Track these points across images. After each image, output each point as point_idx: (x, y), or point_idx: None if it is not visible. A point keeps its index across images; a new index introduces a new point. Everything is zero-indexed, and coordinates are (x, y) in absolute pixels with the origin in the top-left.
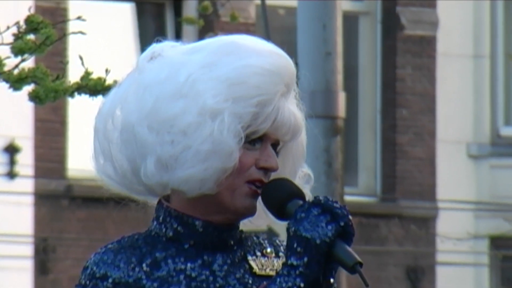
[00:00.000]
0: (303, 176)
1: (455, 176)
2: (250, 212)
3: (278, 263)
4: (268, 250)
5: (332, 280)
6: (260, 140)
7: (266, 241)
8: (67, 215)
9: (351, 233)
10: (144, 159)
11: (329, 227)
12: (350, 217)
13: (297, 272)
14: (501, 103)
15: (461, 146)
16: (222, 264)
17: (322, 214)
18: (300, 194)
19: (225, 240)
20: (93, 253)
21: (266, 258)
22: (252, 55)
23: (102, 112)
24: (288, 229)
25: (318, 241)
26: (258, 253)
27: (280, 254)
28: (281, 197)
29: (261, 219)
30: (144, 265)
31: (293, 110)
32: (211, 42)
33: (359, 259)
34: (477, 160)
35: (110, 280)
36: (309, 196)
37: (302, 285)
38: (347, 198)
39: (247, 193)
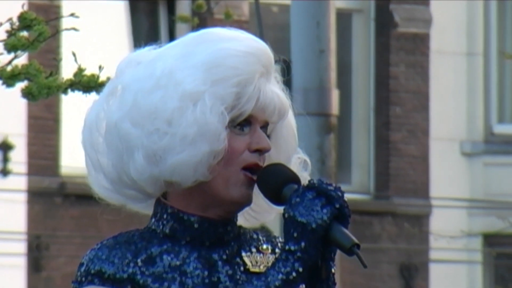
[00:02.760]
0: (300, 162)
1: (449, 174)
2: (246, 201)
3: (273, 259)
4: (264, 246)
5: (332, 263)
6: (249, 124)
7: (264, 238)
8: (60, 213)
9: (347, 215)
10: (131, 155)
11: (324, 210)
12: (345, 198)
13: (295, 257)
14: (494, 100)
15: (454, 144)
16: (217, 260)
17: (317, 197)
18: (295, 179)
19: (221, 236)
20: (89, 249)
21: (261, 255)
22: (225, 40)
23: (86, 123)
24: (283, 214)
25: (314, 226)
26: (254, 250)
27: (277, 250)
28: (276, 182)
29: (266, 213)
30: (139, 260)
31: (275, 90)
32: (184, 37)
33: (356, 240)
34: (470, 158)
35: (105, 276)
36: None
37: (300, 269)
38: None
39: (243, 181)
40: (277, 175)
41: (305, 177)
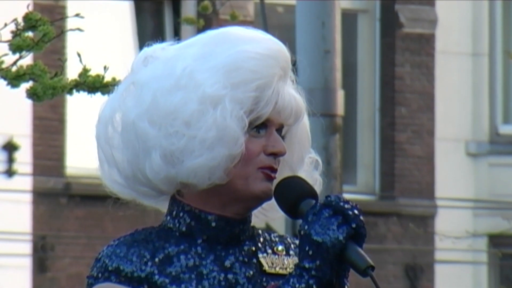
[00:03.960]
0: (311, 162)
1: (454, 174)
2: (268, 195)
3: (288, 261)
4: (279, 248)
5: (346, 281)
6: (265, 126)
7: (277, 239)
8: (66, 213)
9: (363, 234)
10: (148, 154)
11: (341, 230)
12: (362, 217)
13: (310, 274)
14: (499, 101)
15: (459, 144)
16: (234, 261)
17: (333, 216)
18: (312, 193)
19: (237, 235)
20: (106, 245)
21: (276, 256)
22: (245, 42)
23: (101, 118)
24: (299, 231)
25: (329, 245)
26: (269, 251)
27: (291, 252)
28: (293, 196)
29: (276, 211)
30: (156, 259)
31: (292, 93)
32: (202, 36)
33: (371, 262)
34: (475, 158)
35: (122, 274)
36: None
37: (314, 287)
38: (346, 196)
39: (262, 177)
40: (294, 189)
41: (315, 178)
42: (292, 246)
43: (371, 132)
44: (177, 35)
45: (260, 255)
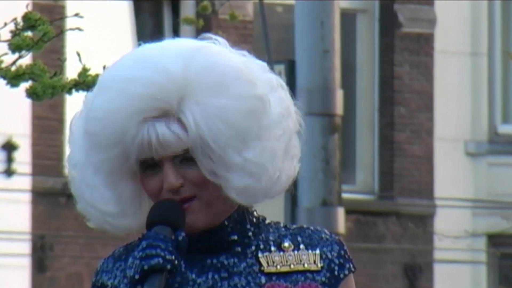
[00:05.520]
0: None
1: (453, 174)
2: (197, 226)
3: (294, 257)
4: (286, 244)
5: None
6: (157, 163)
7: (289, 231)
8: (65, 213)
9: (151, 267)
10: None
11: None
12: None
13: None
14: (498, 100)
15: (458, 144)
16: (227, 266)
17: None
18: (165, 221)
19: (222, 240)
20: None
21: (281, 253)
22: (101, 91)
23: None
24: None
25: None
26: (273, 248)
27: (301, 246)
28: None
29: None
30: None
31: (161, 127)
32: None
33: None
34: (474, 158)
35: None
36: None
37: None
38: (345, 195)
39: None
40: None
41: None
42: (316, 236)
43: (370, 131)
44: (176, 35)
45: (260, 255)
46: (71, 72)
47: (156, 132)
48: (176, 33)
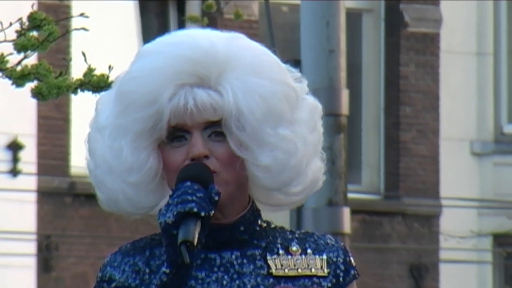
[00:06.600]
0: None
1: (459, 174)
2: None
3: (302, 261)
4: (294, 248)
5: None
6: (187, 132)
7: (295, 235)
8: (70, 213)
9: (198, 214)
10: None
11: (170, 212)
12: (196, 197)
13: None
14: (504, 100)
15: (464, 144)
16: (236, 266)
17: (174, 198)
18: (194, 177)
19: (233, 238)
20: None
21: (289, 256)
22: (142, 56)
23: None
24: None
25: (163, 226)
26: (281, 251)
27: (309, 251)
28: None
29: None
30: (147, 269)
31: (198, 95)
32: None
33: (189, 238)
34: (480, 158)
35: (113, 285)
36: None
37: (165, 269)
38: (351, 195)
39: None
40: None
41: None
42: (321, 242)
43: (376, 131)
44: None
45: (268, 257)
46: (77, 72)
47: (194, 95)
48: None
